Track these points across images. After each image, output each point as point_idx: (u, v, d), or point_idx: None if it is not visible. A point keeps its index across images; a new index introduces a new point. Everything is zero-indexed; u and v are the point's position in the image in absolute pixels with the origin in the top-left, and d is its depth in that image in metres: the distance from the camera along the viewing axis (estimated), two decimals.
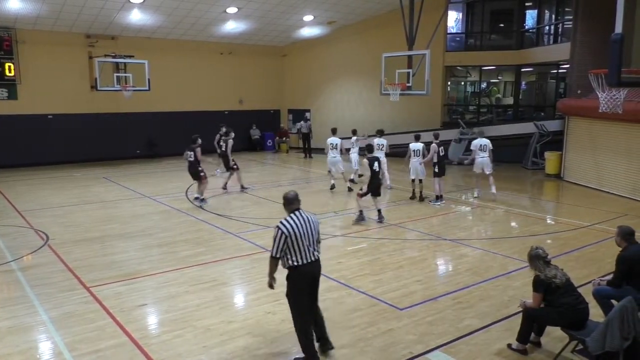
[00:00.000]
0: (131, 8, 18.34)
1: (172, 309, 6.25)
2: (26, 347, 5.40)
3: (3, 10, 17.09)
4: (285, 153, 24.98)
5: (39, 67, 19.61)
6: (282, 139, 25.70)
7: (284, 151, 25.28)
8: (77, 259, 8.21)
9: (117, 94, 20.15)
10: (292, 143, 26.11)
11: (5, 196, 13.61)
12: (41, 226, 10.34)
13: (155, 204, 12.72)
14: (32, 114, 19.52)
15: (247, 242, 9.09)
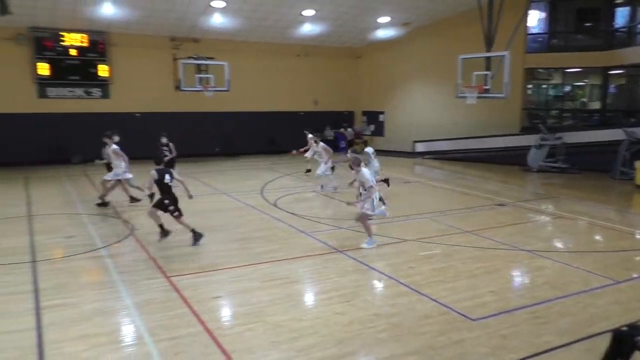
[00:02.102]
0: (213, 12, 19.12)
1: (244, 303, 6.45)
2: (111, 329, 5.79)
3: (99, 15, 18.38)
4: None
5: (129, 68, 20.89)
6: (356, 141, 25.75)
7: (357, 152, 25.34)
8: (160, 249, 8.66)
9: (199, 94, 21.05)
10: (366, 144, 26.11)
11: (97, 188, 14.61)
12: (129, 217, 11.02)
13: (232, 200, 13.17)
14: (122, 112, 20.81)
15: (319, 242, 9.20)
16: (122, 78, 20.90)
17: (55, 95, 20.01)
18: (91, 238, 9.46)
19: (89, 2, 17.26)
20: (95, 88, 20.64)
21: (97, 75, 20.41)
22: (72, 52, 19.89)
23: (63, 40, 19.68)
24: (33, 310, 6.10)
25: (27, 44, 19.27)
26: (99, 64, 20.38)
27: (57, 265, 8.01)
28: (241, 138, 23.55)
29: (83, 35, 19.93)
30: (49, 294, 6.62)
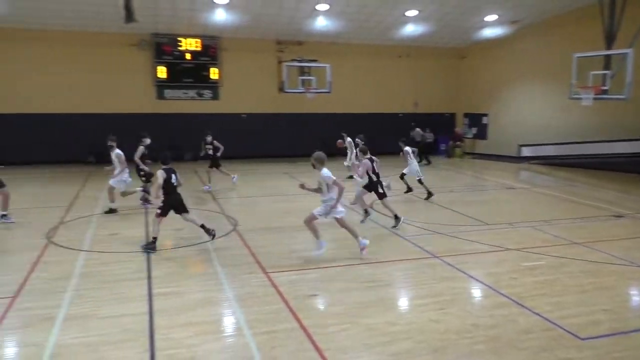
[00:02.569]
0: (317, 15, 19.52)
1: (339, 302, 6.52)
2: (214, 318, 6.14)
3: (212, 21, 19.54)
4: (459, 158, 24.23)
5: (236, 71, 21.98)
6: (457, 144, 24.97)
7: (457, 156, 24.56)
8: (259, 246, 9.03)
9: (301, 95, 21.62)
10: (467, 148, 25.21)
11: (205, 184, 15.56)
12: (232, 213, 11.61)
13: None
14: (229, 112, 21.95)
15: (416, 247, 9.06)
16: (230, 80, 22.04)
17: (171, 96, 21.59)
18: (197, 231, 10.07)
19: (204, 9, 18.41)
20: (206, 90, 21.97)
21: (208, 78, 21.72)
22: (187, 56, 21.32)
23: (180, 45, 21.18)
24: (146, 297, 6.63)
25: (149, 49, 20.96)
26: (211, 67, 21.66)
27: (168, 255, 8.64)
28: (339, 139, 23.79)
29: (197, 40, 21.29)
30: (159, 282, 7.17)
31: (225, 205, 12.52)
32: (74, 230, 10.05)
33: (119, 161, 11.79)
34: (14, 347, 5.45)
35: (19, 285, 6.99)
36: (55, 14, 18.03)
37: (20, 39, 19.44)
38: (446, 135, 25.60)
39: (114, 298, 6.58)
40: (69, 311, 6.15)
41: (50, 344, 5.31)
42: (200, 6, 18.20)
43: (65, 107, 20.16)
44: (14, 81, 19.61)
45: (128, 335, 5.52)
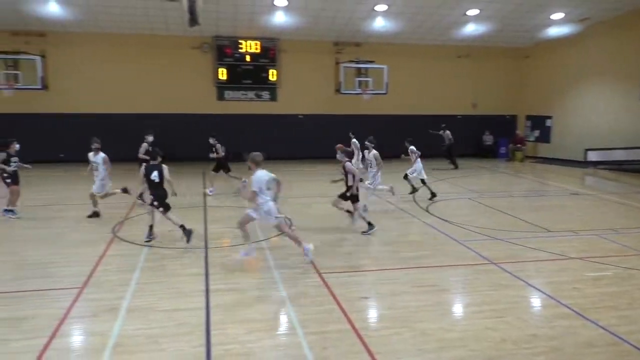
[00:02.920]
0: (376, 16, 19.44)
1: (392, 306, 6.47)
2: (268, 316, 6.24)
3: (271, 23, 19.88)
4: (520, 162, 23.42)
5: (294, 72, 22.24)
6: (517, 147, 24.15)
7: (518, 160, 23.74)
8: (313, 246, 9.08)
9: (357, 97, 21.61)
10: (529, 151, 24.33)
11: None
12: (286, 213, 11.73)
13: (382, 202, 13.27)
14: (287, 113, 22.25)
15: (472, 252, 8.84)
16: (288, 82, 22.33)
17: (230, 97, 22.14)
18: (254, 230, 10.27)
19: (264, 11, 18.77)
20: (265, 91, 22.37)
21: (267, 79, 22.11)
22: (247, 58, 21.80)
23: (240, 48, 21.68)
24: (203, 292, 6.84)
25: (211, 52, 21.58)
26: (270, 69, 22.03)
27: (225, 252, 8.86)
28: (396, 141, 23.55)
29: (257, 42, 21.72)
30: (216, 279, 7.37)
31: (280, 205, 12.66)
32: (137, 226, 10.50)
33: (106, 165, 11.47)
34: (81, 335, 5.77)
35: (87, 276, 7.38)
36: (127, 19, 18.91)
37: (93, 42, 20.52)
38: (506, 138, 24.81)
39: (173, 292, 6.83)
40: (132, 303, 6.43)
41: (114, 333, 5.58)
42: (261, 9, 18.56)
43: (131, 107, 21.08)
44: (84, 83, 20.71)
45: (186, 329, 5.71)
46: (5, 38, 19.32)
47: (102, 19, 18.98)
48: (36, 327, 5.72)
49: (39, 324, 5.77)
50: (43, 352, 5.14)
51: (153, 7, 17.76)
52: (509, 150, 24.45)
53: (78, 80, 20.56)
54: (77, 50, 20.41)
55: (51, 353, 5.15)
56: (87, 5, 17.64)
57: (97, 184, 11.45)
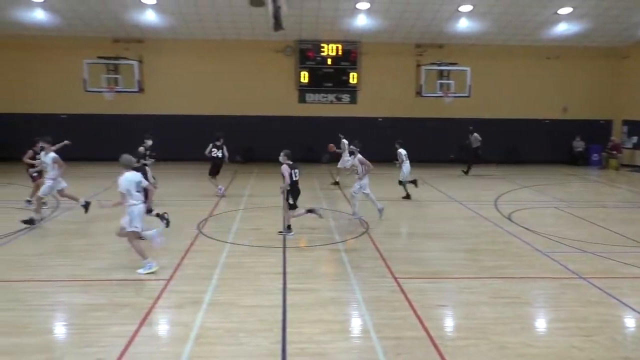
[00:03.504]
0: (460, 17, 18.97)
1: (469, 316, 6.30)
2: (343, 318, 6.30)
3: (353, 26, 19.99)
4: (615, 170, 21.84)
5: (375, 75, 22.19)
6: (612, 154, 22.51)
7: (612, 168, 22.14)
8: (389, 250, 9.04)
9: (439, 100, 21.18)
10: (625, 159, 22.61)
11: (340, 187, 15.99)
12: (363, 215, 11.76)
13: (463, 208, 12.93)
14: (366, 116, 22.25)
15: (558, 264, 8.39)
16: (368, 84, 22.32)
17: (311, 100, 22.48)
18: (331, 232, 10.40)
19: (346, 15, 18.93)
20: (345, 94, 22.51)
21: (347, 82, 22.23)
22: (328, 62, 22.05)
23: (322, 51, 21.97)
24: (281, 291, 7.02)
25: (293, 55, 22.06)
26: (350, 72, 22.14)
27: (302, 253, 9.04)
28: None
29: (338, 45, 21.91)
30: (293, 278, 7.54)
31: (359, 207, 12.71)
32: (221, 223, 10.97)
33: (57, 165, 10.51)
34: (166, 325, 6.14)
35: (174, 269, 7.83)
36: (215, 25, 19.79)
37: (184, 47, 21.66)
38: (599, 144, 23.21)
39: (253, 289, 7.07)
40: (213, 297, 6.75)
41: (196, 325, 5.88)
42: (343, 12, 18.71)
43: (217, 110, 22.00)
44: (175, 85, 21.90)
45: (263, 325, 5.90)
46: (108, 44, 20.87)
47: (193, 26, 19.98)
48: (129, 314, 6.15)
49: (132, 312, 6.21)
50: (133, 338, 5.52)
51: (240, 13, 18.45)
52: (602, 158, 22.87)
53: (170, 83, 21.77)
54: (169, 55, 21.63)
55: (140, 339, 5.52)
56: (181, 13, 18.66)
57: (45, 186, 10.57)
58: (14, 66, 21.06)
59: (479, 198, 14.39)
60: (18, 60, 21.06)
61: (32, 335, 5.62)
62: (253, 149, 22.00)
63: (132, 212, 7.56)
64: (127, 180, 7.55)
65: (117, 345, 5.34)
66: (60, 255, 8.60)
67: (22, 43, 20.73)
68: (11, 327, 5.79)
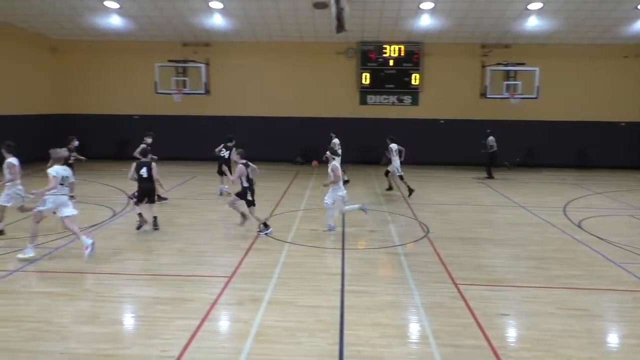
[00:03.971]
0: (528, 15, 18.28)
1: (534, 327, 6.06)
2: (401, 322, 6.23)
3: (416, 27, 19.73)
4: None
5: (437, 76, 21.79)
6: None
7: None
8: (450, 255, 8.85)
9: (505, 101, 20.52)
10: None
11: (400, 189, 15.82)
12: (424, 219, 11.60)
13: (530, 215, 12.44)
14: (427, 118, 21.89)
15: (633, 276, 7.91)
16: (430, 86, 21.95)
17: (372, 102, 22.39)
18: (390, 235, 10.32)
19: (409, 15, 18.71)
20: (406, 96, 22.25)
21: (409, 84, 21.96)
22: (390, 63, 21.88)
23: (384, 52, 21.83)
24: (339, 292, 7.05)
25: (355, 57, 22.06)
26: (413, 73, 21.85)
27: (360, 255, 9.02)
28: (546, 148, 21.92)
29: (401, 46, 21.70)
30: (351, 280, 7.54)
31: (418, 211, 12.55)
32: (281, 223, 11.14)
33: (10, 172, 9.43)
34: (227, 321, 6.31)
35: (235, 267, 8.04)
36: (279, 27, 20.13)
37: (248, 50, 22.18)
38: None
39: (311, 289, 7.14)
40: (273, 296, 6.87)
41: (256, 323, 6.01)
42: (406, 13, 18.50)
43: (278, 111, 22.38)
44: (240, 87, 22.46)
45: (321, 326, 5.95)
46: (178, 48, 21.73)
47: (258, 29, 20.42)
48: (192, 309, 6.38)
49: (195, 307, 6.44)
50: (196, 332, 5.72)
51: (303, 15, 18.67)
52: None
53: (234, 85, 22.35)
54: (234, 58, 22.21)
55: (202, 334, 5.72)
56: (246, 17, 19.13)
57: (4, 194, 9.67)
58: (93, 69, 22.34)
59: (547, 204, 13.80)
60: (96, 64, 22.32)
61: (103, 324, 5.95)
62: (314, 150, 22.15)
63: (53, 199, 8.18)
64: (55, 172, 8.19)
65: (181, 338, 5.55)
66: (131, 249, 9.04)
67: (99, 47, 21.99)
68: (84, 316, 6.16)
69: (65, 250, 8.86)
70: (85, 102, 22.45)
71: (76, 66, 22.34)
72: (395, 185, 15.72)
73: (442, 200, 14.27)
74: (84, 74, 22.37)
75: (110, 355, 5.22)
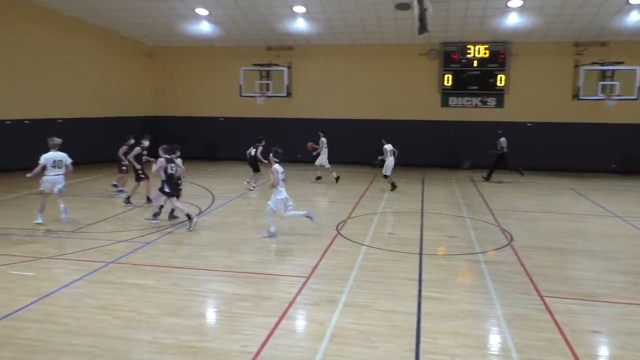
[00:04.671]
0: (630, 10, 17.02)
1: (629, 347, 5.63)
2: (479, 333, 6.02)
3: (503, 26, 18.99)
4: None
5: (525, 77, 20.81)
6: None
7: None
8: (535, 265, 8.43)
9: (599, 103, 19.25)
10: None
11: (481, 193, 15.32)
12: (507, 226, 11.13)
13: (627, 225, 11.56)
14: (513, 121, 20.98)
15: None
16: (517, 87, 21.01)
17: (454, 104, 21.81)
18: (471, 242, 10.00)
19: (496, 14, 18.05)
20: (490, 97, 21.45)
21: (494, 85, 21.15)
22: (474, 64, 21.21)
23: (468, 53, 21.20)
24: (415, 298, 6.94)
25: (437, 58, 21.62)
26: (498, 74, 21.04)
27: (439, 261, 8.83)
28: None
29: (486, 46, 20.97)
30: (429, 286, 7.40)
31: (501, 218, 12.06)
32: (359, 226, 11.14)
33: None
34: (304, 320, 6.42)
35: (312, 268, 8.15)
36: (360, 29, 20.17)
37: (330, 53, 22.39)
38: None
39: (387, 293, 7.09)
40: (349, 298, 6.90)
41: (331, 324, 6.06)
42: (492, 12, 17.83)
43: (358, 113, 22.38)
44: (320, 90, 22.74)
45: (397, 331, 5.89)
46: (262, 52, 22.41)
47: (339, 32, 20.58)
48: (271, 307, 6.55)
49: (273, 305, 6.61)
50: (274, 330, 5.87)
51: (385, 17, 18.57)
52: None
53: (316, 88, 22.67)
54: (316, 61, 22.52)
55: (280, 332, 5.85)
56: (328, 20, 19.35)
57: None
58: (183, 74, 23.57)
59: None
60: (186, 69, 23.53)
61: (188, 317, 6.26)
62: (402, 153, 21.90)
63: (48, 179, 10.15)
64: (44, 158, 10.11)
65: (260, 335, 5.72)
66: (215, 246, 9.44)
67: (189, 53, 23.15)
68: (171, 308, 6.51)
69: (155, 244, 9.42)
70: (176, 104, 23.73)
71: (168, 71, 23.68)
72: (388, 184, 15.42)
73: (527, 207, 13.62)
74: (175, 78, 23.66)
75: (194, 347, 5.49)
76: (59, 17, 19.41)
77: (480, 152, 18.94)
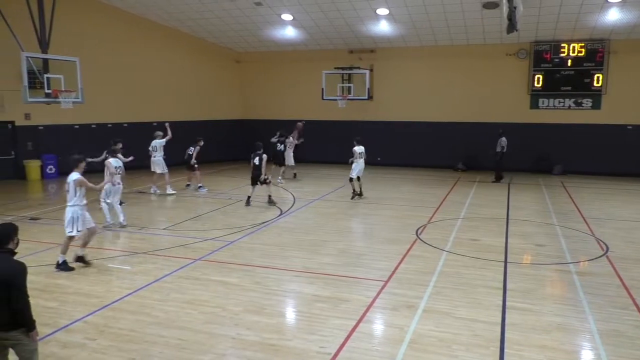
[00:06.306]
0: None
1: None
2: (570, 348, 5.67)
3: (601, 23, 17.77)
4: None
5: (626, 76, 19.30)
6: None
7: None
8: (634, 278, 7.81)
9: None
10: None
11: (573, 200, 14.42)
12: (602, 236, 10.39)
13: None
14: (611, 124, 19.57)
15: None
16: (617, 88, 19.53)
17: (545, 106, 20.70)
18: (561, 251, 9.45)
19: (593, 10, 16.94)
20: (586, 99, 20.12)
21: (590, 85, 19.83)
22: (568, 63, 20.02)
23: (562, 52, 20.05)
24: (500, 307, 6.66)
25: (527, 58, 20.63)
26: (595, 74, 19.69)
27: (525, 270, 8.42)
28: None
29: (581, 44, 19.73)
30: (514, 296, 7.07)
31: (596, 226, 11.28)
32: (439, 231, 10.90)
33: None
34: (381, 325, 6.38)
35: (391, 272, 8.08)
36: (445, 30, 19.73)
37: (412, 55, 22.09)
38: None
39: (469, 301, 6.87)
40: (428, 304, 6.76)
41: (410, 330, 5.97)
42: (589, 8, 16.73)
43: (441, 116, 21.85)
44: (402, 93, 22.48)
45: (479, 341, 5.69)
46: (344, 56, 22.57)
47: (423, 33, 20.25)
48: (349, 309, 6.58)
49: (351, 308, 6.63)
50: (351, 333, 5.89)
51: (471, 17, 18.02)
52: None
53: (397, 90, 22.44)
54: (398, 63, 22.30)
55: (358, 335, 5.86)
56: (412, 21, 19.10)
57: None
58: (268, 78, 24.27)
59: None
60: (271, 73, 24.20)
61: (269, 316, 6.44)
62: (475, 156, 21.21)
63: None
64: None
65: (338, 337, 5.76)
66: (296, 247, 9.63)
67: (274, 58, 23.81)
68: (254, 306, 6.73)
69: (238, 244, 9.78)
70: (261, 108, 24.50)
71: (255, 75, 24.49)
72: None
73: (626, 215, 12.63)
74: (261, 82, 24.43)
75: (274, 345, 5.64)
76: (160, 27, 21.16)
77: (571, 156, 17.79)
